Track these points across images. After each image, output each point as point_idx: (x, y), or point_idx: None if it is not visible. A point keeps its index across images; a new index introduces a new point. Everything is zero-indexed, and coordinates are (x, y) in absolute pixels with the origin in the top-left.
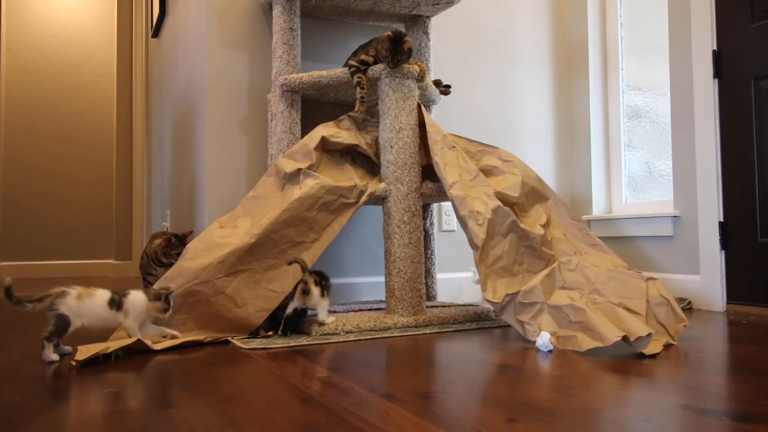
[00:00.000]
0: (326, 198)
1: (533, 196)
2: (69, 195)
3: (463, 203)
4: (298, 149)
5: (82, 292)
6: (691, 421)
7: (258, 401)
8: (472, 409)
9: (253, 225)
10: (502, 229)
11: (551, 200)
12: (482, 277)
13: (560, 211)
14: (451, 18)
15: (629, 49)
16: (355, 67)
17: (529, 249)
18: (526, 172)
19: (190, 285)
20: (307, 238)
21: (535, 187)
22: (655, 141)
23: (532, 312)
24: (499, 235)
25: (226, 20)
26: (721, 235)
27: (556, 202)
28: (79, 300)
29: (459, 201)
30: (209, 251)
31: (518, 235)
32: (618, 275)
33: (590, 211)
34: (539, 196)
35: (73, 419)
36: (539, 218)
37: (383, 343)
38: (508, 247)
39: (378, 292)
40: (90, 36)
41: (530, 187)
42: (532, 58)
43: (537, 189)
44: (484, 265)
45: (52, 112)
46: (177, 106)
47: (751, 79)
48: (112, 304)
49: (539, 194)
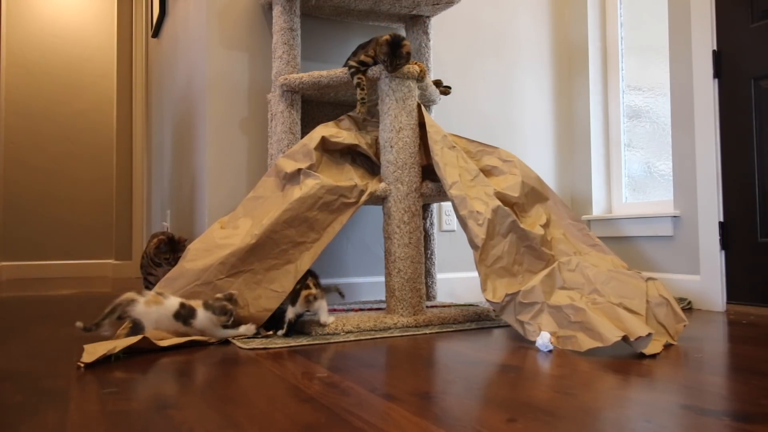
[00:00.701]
0: (327, 198)
1: (533, 196)
2: (69, 195)
3: (463, 203)
4: (298, 149)
5: (150, 299)
6: (691, 421)
7: (258, 401)
8: (472, 409)
9: (254, 225)
10: (502, 229)
11: (551, 200)
12: (482, 277)
13: (560, 211)
14: (451, 18)
15: (629, 49)
16: (355, 68)
17: (529, 249)
18: (526, 172)
19: (191, 286)
20: (308, 238)
21: (535, 188)
22: (655, 141)
23: (532, 312)
24: (499, 235)
25: (226, 20)
26: (721, 235)
27: (556, 202)
28: (147, 307)
29: (459, 201)
30: (210, 252)
31: (518, 235)
32: (618, 275)
33: (590, 211)
34: (539, 196)
35: (73, 419)
36: (539, 218)
37: (383, 343)
38: (508, 247)
39: (378, 292)
40: (90, 36)
41: (530, 188)
42: (532, 58)
43: (537, 189)
44: (484, 265)
45: (52, 112)
46: (177, 106)
47: (751, 79)
48: (178, 317)
49: (539, 194)
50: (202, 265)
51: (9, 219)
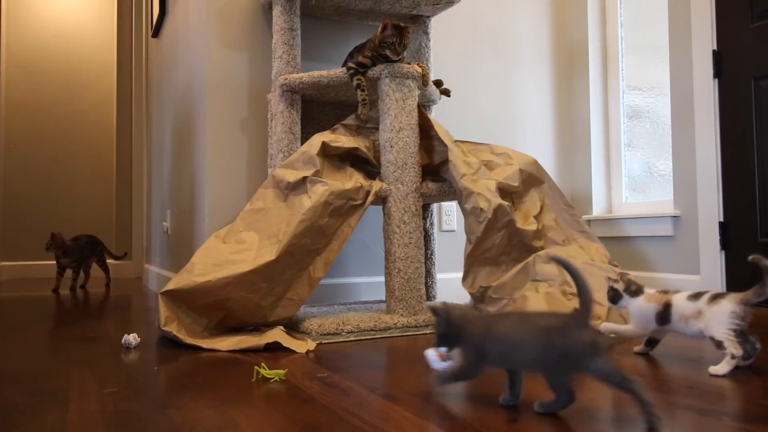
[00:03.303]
0: (336, 203)
1: (530, 180)
2: (69, 195)
3: (469, 197)
4: (297, 158)
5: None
6: (691, 421)
7: (258, 401)
8: (472, 409)
9: (263, 240)
10: (498, 226)
11: (546, 184)
12: (466, 267)
13: (554, 195)
14: (451, 18)
15: (629, 49)
16: (354, 69)
17: (520, 243)
18: (522, 159)
19: (213, 299)
20: (320, 243)
21: (531, 173)
22: (655, 141)
23: (498, 306)
24: (494, 231)
25: (226, 20)
26: (721, 235)
27: (551, 186)
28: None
29: (467, 194)
30: (222, 267)
31: (511, 231)
32: (589, 268)
33: (590, 211)
34: (535, 180)
35: (73, 419)
36: (534, 206)
37: (383, 343)
38: (499, 240)
39: (378, 292)
40: (90, 36)
41: (528, 173)
42: (532, 58)
43: (533, 174)
44: (472, 256)
45: (52, 112)
46: (177, 106)
47: (751, 79)
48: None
49: (535, 178)
50: (216, 278)
51: (9, 219)
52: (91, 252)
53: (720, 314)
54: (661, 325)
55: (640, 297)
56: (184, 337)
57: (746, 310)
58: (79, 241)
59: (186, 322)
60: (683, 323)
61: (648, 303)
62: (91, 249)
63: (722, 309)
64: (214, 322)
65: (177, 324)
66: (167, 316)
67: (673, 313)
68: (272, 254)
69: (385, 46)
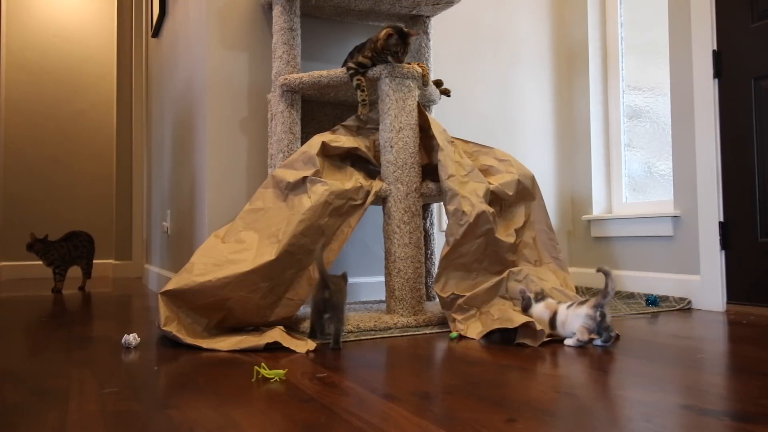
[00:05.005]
0: (336, 203)
1: (523, 193)
2: (69, 195)
3: (454, 198)
4: (297, 158)
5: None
6: (691, 421)
7: (258, 401)
8: (472, 409)
9: (263, 240)
10: (477, 232)
11: (536, 201)
12: (439, 270)
13: (540, 214)
14: (451, 18)
15: (629, 49)
16: (354, 70)
17: (494, 253)
18: (522, 170)
19: (213, 299)
20: (320, 243)
21: (527, 186)
22: (655, 141)
23: (466, 315)
24: (473, 236)
25: (226, 20)
26: (721, 235)
27: (540, 205)
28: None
29: (451, 195)
30: (221, 267)
31: (489, 240)
32: (556, 294)
33: (590, 211)
34: (528, 194)
35: (73, 419)
36: (519, 220)
37: (383, 343)
38: (475, 248)
39: (378, 292)
40: (90, 36)
41: (523, 186)
42: (532, 58)
43: (528, 188)
44: (447, 259)
45: (52, 112)
46: (177, 106)
47: (751, 79)
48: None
49: (528, 193)
50: (216, 278)
51: (9, 219)
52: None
53: (578, 316)
54: (551, 329)
55: (540, 304)
56: (183, 337)
57: (598, 311)
58: (68, 241)
59: (186, 322)
60: (562, 328)
61: (545, 310)
62: (84, 249)
63: (580, 312)
64: (213, 322)
65: (177, 324)
66: (167, 316)
67: (557, 320)
68: (272, 254)
69: (388, 53)
